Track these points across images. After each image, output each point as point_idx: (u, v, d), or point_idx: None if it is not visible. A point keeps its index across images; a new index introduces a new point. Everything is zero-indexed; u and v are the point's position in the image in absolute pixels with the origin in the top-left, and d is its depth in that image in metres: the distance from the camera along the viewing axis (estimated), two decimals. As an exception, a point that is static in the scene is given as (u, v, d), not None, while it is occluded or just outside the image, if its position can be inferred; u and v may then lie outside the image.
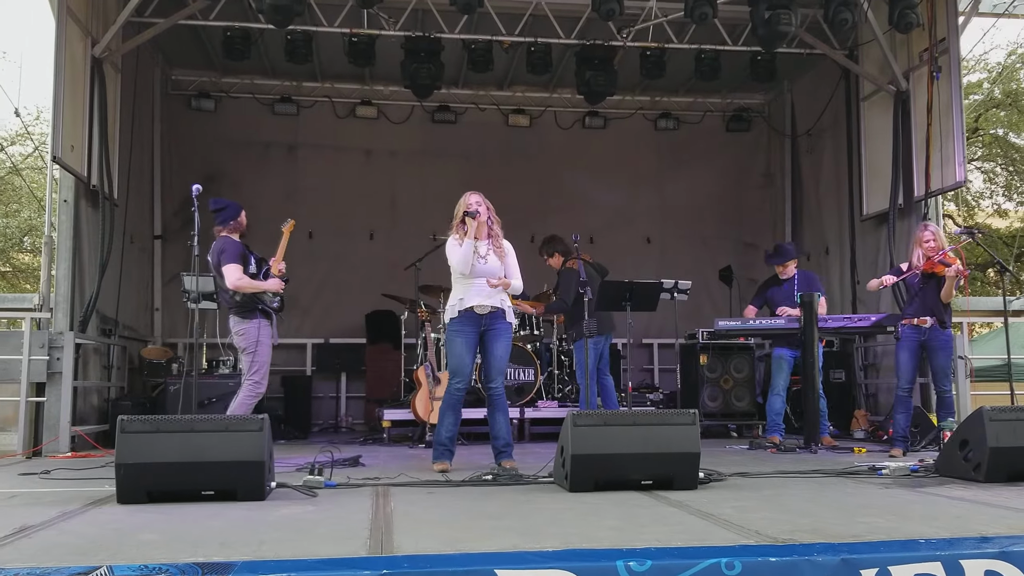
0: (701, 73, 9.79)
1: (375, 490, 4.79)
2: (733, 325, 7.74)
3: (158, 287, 10.82)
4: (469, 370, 5.90)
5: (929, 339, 7.02)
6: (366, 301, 11.05)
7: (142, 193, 10.41)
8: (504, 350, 5.92)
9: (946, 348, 7.08)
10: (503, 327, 5.93)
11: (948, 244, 7.15)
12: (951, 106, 8.39)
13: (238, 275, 6.05)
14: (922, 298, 7.05)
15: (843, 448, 7.51)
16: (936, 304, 7.01)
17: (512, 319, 6.04)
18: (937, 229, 7.22)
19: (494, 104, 12.14)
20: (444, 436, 5.92)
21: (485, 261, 5.89)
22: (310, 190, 11.50)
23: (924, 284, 7.05)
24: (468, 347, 5.86)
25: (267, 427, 4.47)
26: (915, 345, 7.07)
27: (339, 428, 10.94)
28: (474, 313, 5.87)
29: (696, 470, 4.70)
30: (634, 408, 7.87)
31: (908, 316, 7.14)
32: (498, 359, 5.90)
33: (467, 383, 5.93)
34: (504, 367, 5.97)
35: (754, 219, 12.51)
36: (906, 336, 7.10)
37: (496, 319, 5.92)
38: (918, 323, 7.03)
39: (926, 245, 7.04)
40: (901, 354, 7.12)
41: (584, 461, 4.57)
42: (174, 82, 11.50)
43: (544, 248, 8.43)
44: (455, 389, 5.87)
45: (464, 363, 5.85)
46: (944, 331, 7.05)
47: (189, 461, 4.32)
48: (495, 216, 6.04)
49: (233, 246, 6.14)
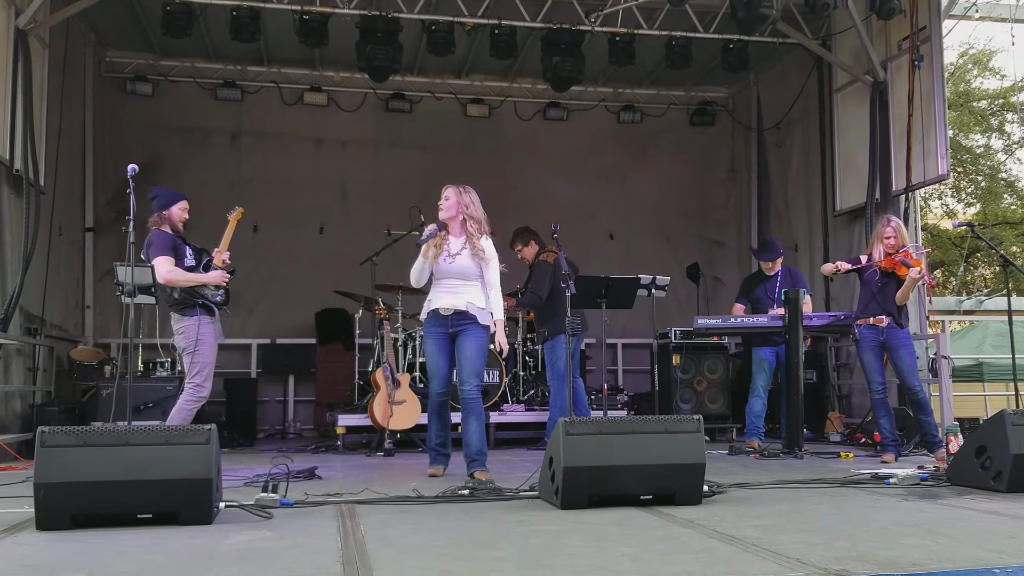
0: (671, 61, 9.36)
1: (339, 509, 4.21)
2: (713, 324, 7.31)
3: (89, 283, 10.03)
4: (443, 372, 5.56)
5: (888, 338, 6.66)
6: (316, 299, 10.45)
7: (72, 182, 9.62)
8: (473, 350, 5.50)
9: (907, 345, 6.71)
10: (471, 327, 5.52)
11: (912, 242, 6.79)
12: (933, 96, 8.08)
13: (168, 267, 5.44)
14: (879, 297, 6.68)
15: (828, 453, 7.12)
16: (893, 303, 6.65)
17: (485, 321, 5.54)
18: (899, 225, 6.83)
19: (451, 93, 11.58)
20: (434, 442, 5.75)
21: (452, 261, 5.52)
22: (255, 181, 10.81)
23: (883, 283, 6.68)
24: (439, 349, 5.57)
25: (215, 439, 3.86)
26: (875, 345, 6.71)
27: (287, 434, 10.29)
28: (439, 315, 5.56)
29: (701, 483, 4.23)
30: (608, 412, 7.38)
31: (864, 315, 6.78)
32: (467, 359, 5.49)
33: (443, 386, 5.59)
34: (476, 368, 5.51)
35: (719, 215, 12.17)
36: (865, 337, 6.73)
37: (462, 319, 5.53)
38: (874, 322, 6.68)
39: (886, 241, 6.68)
40: (864, 356, 6.76)
41: (578, 474, 4.05)
42: (108, 64, 10.71)
43: (517, 238, 7.94)
44: (434, 394, 5.62)
45: (436, 365, 5.57)
46: (902, 329, 6.69)
47: (122, 479, 3.69)
48: (468, 211, 5.55)
49: (161, 237, 5.53)
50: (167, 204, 5.64)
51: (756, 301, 7.58)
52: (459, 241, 5.54)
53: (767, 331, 7.21)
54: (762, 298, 7.50)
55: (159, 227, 5.61)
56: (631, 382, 11.33)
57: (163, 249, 5.48)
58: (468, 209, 5.55)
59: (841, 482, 5.09)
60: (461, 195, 5.59)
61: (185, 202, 5.76)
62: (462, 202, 5.55)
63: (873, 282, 6.73)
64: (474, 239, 5.52)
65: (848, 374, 9.51)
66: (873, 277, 6.73)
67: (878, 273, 6.69)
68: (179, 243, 5.63)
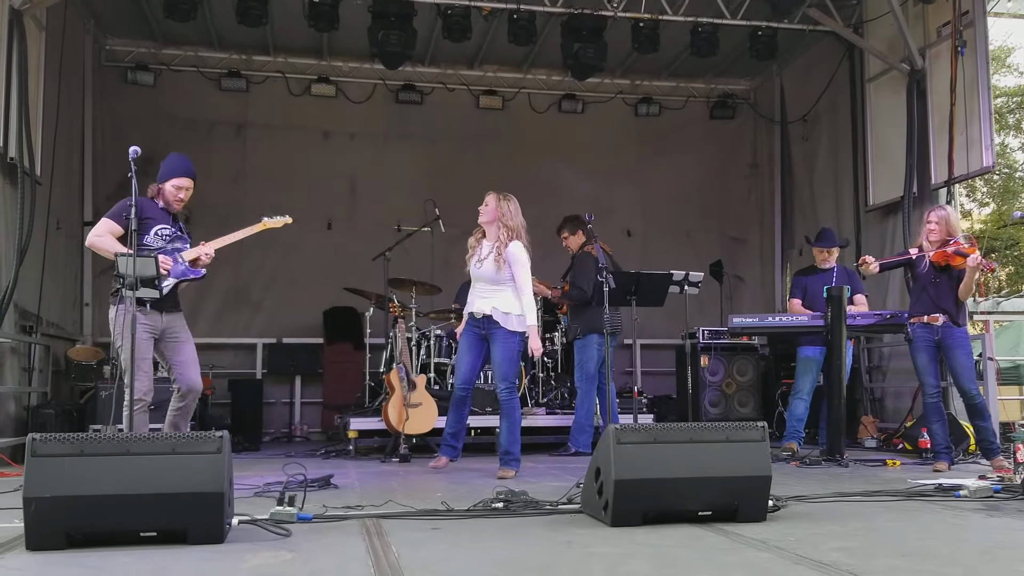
0: (697, 48, 8.94)
1: (363, 525, 3.80)
2: (750, 323, 6.89)
3: (88, 279, 9.60)
4: (467, 369, 5.88)
5: (943, 338, 6.21)
6: (323, 296, 10.06)
7: (71, 173, 9.21)
8: (501, 356, 5.81)
9: (964, 346, 6.24)
10: (499, 332, 5.81)
11: (961, 232, 6.34)
12: (977, 84, 7.66)
13: (98, 231, 4.96)
14: (933, 293, 6.23)
15: (872, 461, 6.70)
16: (948, 299, 6.20)
17: (512, 327, 5.79)
18: (947, 214, 6.34)
19: (464, 84, 11.17)
20: (446, 432, 6.07)
21: (481, 265, 5.85)
22: (260, 174, 10.39)
23: (936, 278, 6.24)
24: (468, 347, 5.89)
25: (227, 447, 3.45)
26: (930, 345, 6.26)
27: (293, 438, 9.86)
28: (472, 317, 5.90)
29: (767, 498, 3.81)
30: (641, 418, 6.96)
31: (916, 313, 6.33)
32: (496, 365, 5.87)
33: (465, 382, 5.90)
34: (505, 373, 5.81)
35: (740, 212, 11.73)
36: (919, 337, 6.28)
37: (491, 325, 5.83)
38: (929, 320, 6.24)
39: (929, 233, 6.25)
40: (918, 356, 6.30)
41: (630, 488, 3.64)
42: (108, 52, 10.30)
43: (566, 225, 7.71)
44: (456, 388, 5.98)
45: (461, 362, 5.92)
46: (959, 328, 6.23)
47: (124, 493, 3.28)
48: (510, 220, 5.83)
49: (121, 204, 4.96)
50: (162, 176, 5.17)
51: (808, 299, 7.14)
52: (489, 245, 5.84)
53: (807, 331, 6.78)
54: (816, 293, 7.04)
55: (153, 198, 5.16)
56: (650, 385, 10.87)
57: (112, 213, 4.99)
58: (504, 217, 5.80)
59: (906, 494, 4.67)
60: (500, 202, 5.85)
61: (183, 180, 5.17)
62: (500, 209, 5.82)
63: (925, 277, 6.30)
64: (501, 246, 5.78)
65: (881, 377, 9.10)
66: (925, 272, 6.30)
67: (930, 268, 6.27)
68: (151, 218, 5.04)
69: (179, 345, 5.16)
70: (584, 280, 7.33)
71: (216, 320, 10.12)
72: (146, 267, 4.41)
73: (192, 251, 5.11)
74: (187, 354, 5.18)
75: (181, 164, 5.21)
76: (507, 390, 5.76)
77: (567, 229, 7.71)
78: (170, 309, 5.13)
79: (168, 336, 5.12)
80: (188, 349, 5.20)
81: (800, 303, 7.25)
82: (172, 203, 5.16)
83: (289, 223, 5.56)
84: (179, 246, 5.11)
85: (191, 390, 5.16)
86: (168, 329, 5.12)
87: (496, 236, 5.80)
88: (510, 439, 5.77)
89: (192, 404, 5.25)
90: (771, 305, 11.00)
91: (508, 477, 5.60)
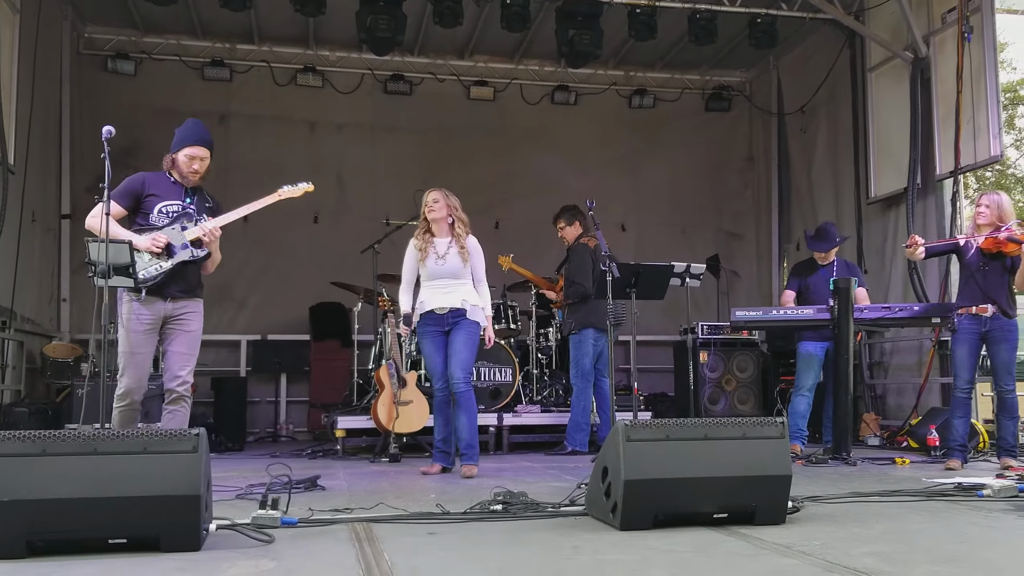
0: (695, 36, 8.68)
1: (352, 529, 3.52)
2: (753, 316, 6.63)
3: (66, 274, 9.28)
4: (441, 369, 5.75)
5: (991, 330, 5.90)
6: (310, 292, 9.76)
7: (47, 164, 8.90)
8: (463, 343, 5.70)
9: (1010, 340, 5.92)
10: (464, 322, 5.74)
11: (1015, 219, 6.04)
12: (984, 71, 7.44)
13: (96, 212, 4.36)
14: (981, 281, 5.90)
15: (881, 459, 6.45)
16: (999, 289, 5.88)
17: (477, 318, 5.78)
18: (1000, 198, 6.00)
19: (454, 75, 10.88)
20: (436, 438, 5.91)
21: (444, 261, 5.78)
22: (245, 166, 10.00)
23: (984, 265, 5.92)
24: (436, 348, 5.78)
25: (204, 446, 3.17)
26: (975, 338, 5.93)
27: (279, 437, 9.55)
28: (434, 314, 5.78)
29: (786, 499, 3.55)
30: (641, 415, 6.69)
31: (965, 304, 6.00)
32: (454, 353, 5.69)
33: (443, 382, 5.75)
34: (464, 361, 5.70)
35: (736, 206, 11.49)
36: (964, 328, 5.95)
37: (456, 317, 5.75)
38: (977, 312, 5.90)
39: (979, 218, 5.96)
40: (958, 349, 5.97)
41: (641, 489, 3.37)
42: (87, 40, 9.96)
43: (563, 215, 7.45)
44: (436, 390, 5.83)
45: (435, 363, 5.79)
46: (1009, 320, 5.91)
47: (90, 496, 3.00)
48: (458, 213, 5.87)
49: (130, 181, 4.57)
50: (175, 144, 4.71)
51: (808, 291, 6.88)
52: (445, 241, 5.80)
53: (813, 325, 6.53)
54: (817, 287, 6.78)
55: (168, 170, 4.72)
56: (644, 382, 10.56)
57: (119, 192, 4.52)
58: (457, 211, 5.83)
59: (926, 494, 4.43)
60: (448, 197, 5.85)
61: (196, 148, 4.67)
62: (451, 204, 5.82)
63: (974, 265, 5.96)
64: (461, 239, 5.79)
65: (883, 373, 8.87)
66: (974, 259, 5.99)
67: (979, 254, 5.96)
68: (155, 195, 4.60)
69: (177, 334, 4.61)
70: (581, 275, 7.09)
71: (199, 316, 9.80)
72: (119, 254, 4.09)
73: (194, 230, 4.63)
74: (180, 344, 4.61)
75: (195, 131, 4.74)
76: (466, 381, 5.68)
77: (564, 219, 7.46)
78: (177, 295, 4.61)
79: (171, 323, 4.62)
80: (184, 340, 4.62)
81: (793, 296, 6.99)
82: (187, 175, 4.68)
83: (310, 191, 5.10)
84: (186, 223, 4.64)
85: (170, 388, 4.62)
86: (174, 316, 4.62)
87: (449, 231, 5.81)
88: (473, 433, 5.72)
89: (181, 408, 4.64)
90: (768, 302, 10.74)
91: (474, 475, 5.55)
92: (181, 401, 4.64)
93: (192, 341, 4.68)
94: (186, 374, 4.66)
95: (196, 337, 4.72)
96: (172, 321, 4.63)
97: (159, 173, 4.71)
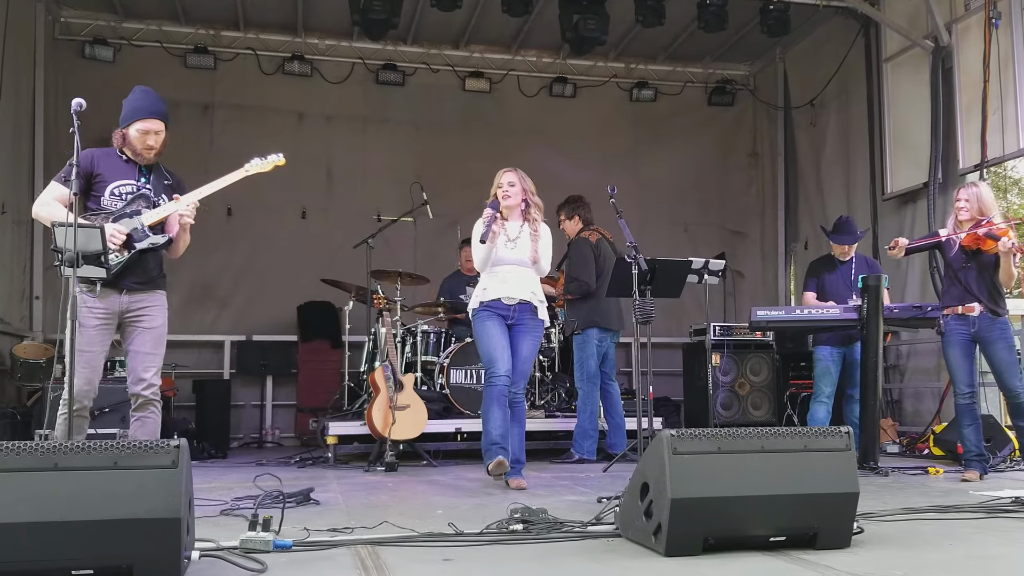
0: (706, 22, 8.28)
1: (356, 554, 3.08)
2: (776, 316, 6.21)
3: (39, 270, 8.75)
4: (506, 357, 5.06)
5: (980, 330, 5.53)
6: (297, 290, 9.32)
7: (18, 154, 8.41)
8: (530, 351, 5.22)
9: (1005, 338, 5.54)
10: (532, 323, 5.22)
11: (998, 211, 5.66)
12: (1012, 59, 7.07)
13: (44, 198, 4.12)
14: (965, 279, 5.57)
15: (912, 469, 6.03)
16: (983, 286, 5.53)
17: (544, 316, 5.29)
18: (979, 191, 5.63)
19: (448, 65, 10.44)
20: (495, 435, 5.05)
21: (514, 246, 5.20)
22: (229, 158, 9.18)
23: (967, 262, 5.57)
24: (500, 332, 5.10)
25: (185, 460, 2.71)
26: (965, 340, 5.57)
27: (264, 443, 9.08)
28: (501, 303, 5.17)
29: (852, 520, 3.13)
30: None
31: (949, 304, 5.65)
32: (522, 360, 5.18)
33: (508, 370, 5.05)
34: (528, 371, 5.25)
35: (740, 203, 11.10)
36: (952, 330, 5.59)
37: (524, 313, 5.20)
38: (964, 311, 5.56)
39: (959, 213, 5.61)
40: (951, 352, 5.61)
41: (690, 509, 2.94)
42: (63, 25, 9.47)
43: (565, 207, 7.04)
44: (496, 378, 5.04)
45: (500, 347, 5.06)
46: (998, 318, 5.54)
47: (51, 520, 2.53)
48: (534, 198, 5.30)
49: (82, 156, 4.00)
50: (125, 118, 4.25)
51: (823, 289, 6.46)
52: (517, 225, 5.24)
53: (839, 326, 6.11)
54: (836, 286, 6.38)
55: (119, 147, 4.26)
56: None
57: (61, 174, 4.07)
58: (533, 196, 5.29)
59: (985, 510, 4.01)
60: (524, 180, 5.29)
61: (149, 122, 4.23)
62: (527, 188, 5.27)
63: (956, 262, 5.63)
64: (536, 224, 5.25)
65: (899, 377, 8.49)
66: (955, 256, 5.65)
67: (960, 251, 5.62)
68: (103, 174, 4.18)
69: (137, 332, 4.19)
70: (583, 271, 6.68)
71: (180, 316, 9.19)
72: (90, 240, 3.62)
73: (153, 213, 4.18)
74: (143, 343, 4.19)
75: (146, 102, 4.29)
76: (523, 391, 5.21)
77: (564, 211, 7.08)
78: (134, 287, 4.17)
79: (128, 319, 4.18)
80: (147, 338, 4.20)
81: (814, 297, 6.58)
82: (140, 151, 4.23)
83: (281, 165, 4.71)
84: (142, 206, 4.20)
85: (134, 392, 4.17)
86: (130, 311, 4.18)
87: (522, 216, 5.24)
88: (521, 445, 5.21)
89: (150, 414, 4.20)
90: (774, 302, 10.37)
91: (525, 487, 5.01)
92: (150, 406, 4.20)
93: (156, 338, 4.24)
94: (151, 376, 4.21)
95: (160, 334, 4.27)
96: (130, 317, 4.20)
97: (108, 150, 4.25)
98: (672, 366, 9.47)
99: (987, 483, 5.28)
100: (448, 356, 7.21)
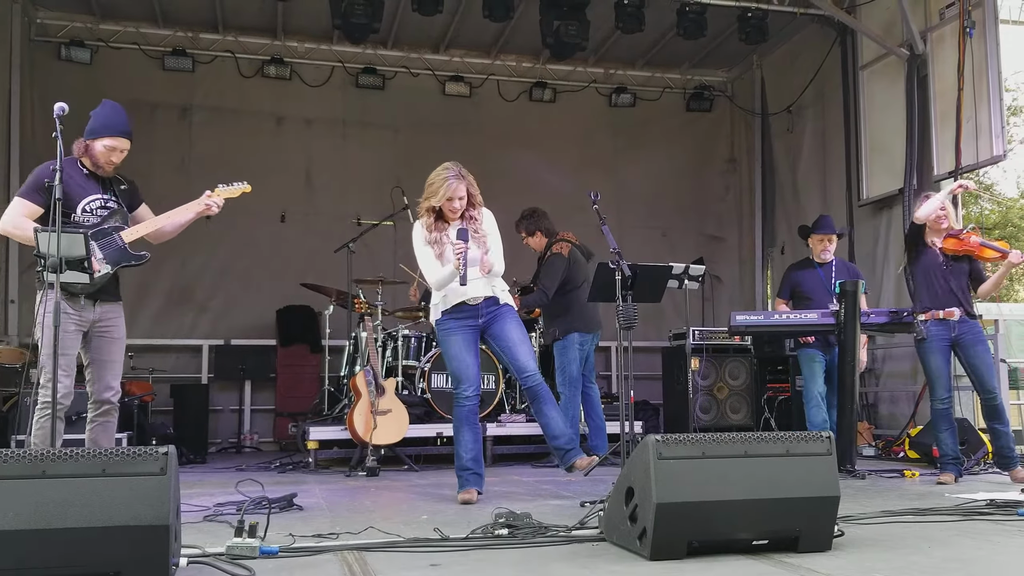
0: (684, 29, 8.35)
1: (343, 560, 3.09)
2: (755, 321, 6.26)
3: (14, 274, 8.65)
4: (475, 372, 4.81)
5: (961, 334, 5.64)
6: (277, 294, 9.31)
7: (-7, 157, 8.33)
8: (520, 334, 4.86)
9: (983, 340, 5.70)
10: (504, 309, 4.91)
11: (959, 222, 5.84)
12: (986, 68, 7.19)
13: (11, 214, 4.15)
14: (944, 284, 5.67)
15: (888, 472, 6.12)
16: (962, 291, 5.67)
17: (510, 301, 5.01)
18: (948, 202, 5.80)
19: (429, 69, 10.44)
20: (466, 459, 4.82)
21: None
22: (207, 161, 9.49)
23: (950, 268, 5.69)
24: (467, 345, 4.81)
25: (173, 467, 2.71)
26: (946, 345, 5.67)
27: (242, 448, 9.04)
28: (466, 306, 4.85)
29: (833, 523, 3.18)
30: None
31: (929, 307, 5.73)
32: (521, 343, 4.83)
33: (476, 388, 4.83)
34: (530, 351, 4.91)
35: (718, 209, 11.18)
36: (933, 335, 5.67)
37: (491, 305, 4.90)
38: (944, 316, 5.65)
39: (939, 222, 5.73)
40: (931, 358, 5.69)
41: (674, 513, 2.98)
42: (40, 26, 9.37)
43: (523, 223, 6.89)
44: (464, 399, 4.80)
45: (466, 365, 4.79)
46: (975, 320, 5.70)
47: (39, 528, 2.53)
48: (475, 191, 4.97)
49: (40, 173, 4.14)
50: (92, 131, 4.28)
51: (803, 295, 6.48)
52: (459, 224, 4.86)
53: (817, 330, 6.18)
54: (815, 290, 6.41)
55: (79, 158, 4.28)
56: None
57: (27, 188, 4.14)
58: (476, 194, 4.96)
59: (962, 512, 4.08)
60: (467, 178, 4.97)
61: (119, 140, 4.28)
62: (471, 189, 4.95)
63: (935, 267, 5.73)
64: (476, 222, 4.90)
65: (874, 381, 8.58)
66: (936, 262, 5.75)
67: (941, 257, 5.73)
68: (76, 187, 4.19)
69: (106, 342, 4.30)
70: (549, 281, 6.65)
71: (158, 320, 9.25)
72: (73, 245, 3.61)
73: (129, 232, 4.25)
74: (112, 353, 4.32)
75: (117, 120, 4.33)
76: (538, 372, 4.83)
77: (523, 228, 6.90)
78: (106, 298, 4.29)
79: (98, 330, 4.27)
80: (115, 348, 4.34)
81: (786, 303, 6.63)
82: (102, 165, 4.28)
83: (247, 191, 4.73)
84: (118, 223, 4.26)
85: (102, 399, 4.28)
86: (100, 321, 4.27)
87: (462, 212, 4.86)
88: (566, 423, 4.93)
89: (112, 419, 4.35)
90: (751, 307, 10.46)
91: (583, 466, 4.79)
92: (114, 411, 4.37)
93: (121, 349, 4.43)
94: (118, 384, 4.40)
95: (123, 344, 4.45)
96: (100, 328, 4.30)
97: (68, 160, 4.20)
98: (651, 370, 9.52)
99: (962, 485, 5.38)
100: (429, 360, 7.21)
